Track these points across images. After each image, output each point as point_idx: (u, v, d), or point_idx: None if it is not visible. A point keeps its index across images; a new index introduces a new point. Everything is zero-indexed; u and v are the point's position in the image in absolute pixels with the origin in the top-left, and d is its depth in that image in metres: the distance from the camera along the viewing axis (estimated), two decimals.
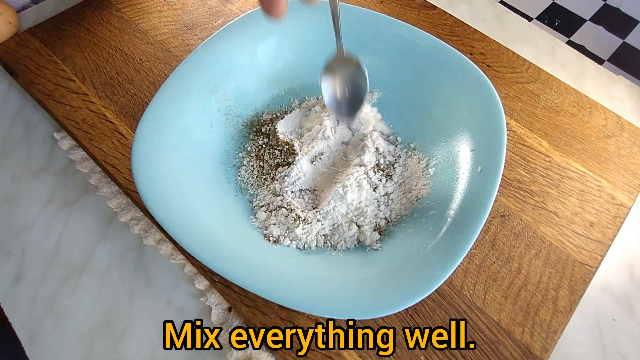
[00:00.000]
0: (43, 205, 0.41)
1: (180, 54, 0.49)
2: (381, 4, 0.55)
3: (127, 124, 0.44)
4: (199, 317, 0.36)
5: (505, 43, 0.52)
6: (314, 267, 0.34)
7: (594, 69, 0.54)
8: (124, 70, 0.48)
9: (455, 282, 0.37)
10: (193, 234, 0.32)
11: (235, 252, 0.32)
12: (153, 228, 0.40)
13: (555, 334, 0.35)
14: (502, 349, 0.34)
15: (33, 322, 0.36)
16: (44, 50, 0.49)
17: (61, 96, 0.45)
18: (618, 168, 0.43)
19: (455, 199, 0.35)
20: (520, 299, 0.36)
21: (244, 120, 0.43)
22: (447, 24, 0.53)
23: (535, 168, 0.43)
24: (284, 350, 0.33)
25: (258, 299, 0.35)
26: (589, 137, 0.45)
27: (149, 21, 0.52)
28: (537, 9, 0.65)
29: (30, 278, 0.37)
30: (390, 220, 0.38)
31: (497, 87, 0.43)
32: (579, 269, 0.38)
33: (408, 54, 0.42)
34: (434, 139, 0.40)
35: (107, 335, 0.35)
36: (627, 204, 0.41)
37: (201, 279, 0.37)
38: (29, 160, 0.43)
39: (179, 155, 0.37)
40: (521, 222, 0.40)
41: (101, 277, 0.38)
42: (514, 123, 0.46)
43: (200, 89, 0.40)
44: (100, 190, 0.42)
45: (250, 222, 0.37)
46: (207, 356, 0.35)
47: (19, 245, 0.39)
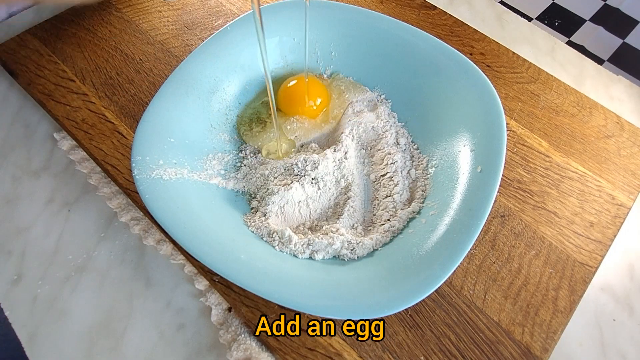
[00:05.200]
0: (43, 205, 0.41)
1: (180, 54, 0.49)
2: (381, 4, 0.55)
3: (127, 124, 0.44)
4: (199, 317, 0.36)
5: (505, 43, 0.52)
6: (314, 267, 0.34)
7: (593, 69, 0.54)
8: (124, 70, 0.48)
9: (455, 282, 0.37)
10: (193, 234, 0.32)
11: (235, 252, 0.32)
12: (153, 228, 0.40)
13: (555, 334, 0.35)
14: (502, 349, 0.34)
15: (33, 322, 0.36)
16: (44, 51, 0.49)
17: (61, 96, 0.45)
18: (618, 168, 0.43)
19: (455, 199, 0.35)
20: (520, 299, 0.36)
21: (244, 121, 0.43)
22: (447, 24, 0.53)
23: (535, 168, 0.43)
24: (284, 350, 0.33)
25: (258, 299, 0.35)
26: (589, 137, 0.45)
27: (149, 21, 0.52)
28: (537, 9, 0.64)
29: (30, 278, 0.37)
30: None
31: (497, 87, 0.43)
32: (579, 269, 0.38)
33: (408, 54, 0.42)
34: (434, 139, 0.40)
35: (107, 335, 0.35)
36: (627, 204, 0.41)
37: (201, 279, 0.37)
38: (29, 160, 0.43)
39: (178, 155, 0.37)
40: (521, 222, 0.40)
41: (101, 277, 0.38)
42: (514, 123, 0.46)
43: (200, 89, 0.40)
44: (100, 190, 0.42)
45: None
46: (207, 356, 0.35)
47: (19, 246, 0.39)
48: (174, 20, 0.52)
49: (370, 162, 0.41)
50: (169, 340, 0.35)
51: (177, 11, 0.53)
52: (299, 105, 0.42)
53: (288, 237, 0.35)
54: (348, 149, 0.40)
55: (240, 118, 0.43)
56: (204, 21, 0.52)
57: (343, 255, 0.35)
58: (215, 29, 0.51)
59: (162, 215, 0.32)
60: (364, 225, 0.38)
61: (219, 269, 0.31)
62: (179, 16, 0.52)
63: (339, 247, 0.35)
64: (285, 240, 0.35)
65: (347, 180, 0.39)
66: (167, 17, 0.52)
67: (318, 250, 0.35)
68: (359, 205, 0.39)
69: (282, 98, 0.43)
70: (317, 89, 0.43)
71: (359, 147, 0.42)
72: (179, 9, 0.53)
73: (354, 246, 0.35)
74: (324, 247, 0.35)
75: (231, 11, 0.53)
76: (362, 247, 0.35)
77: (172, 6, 0.53)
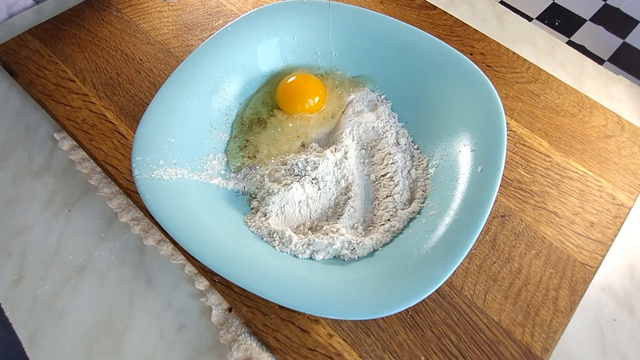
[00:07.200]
0: (43, 205, 0.41)
1: (180, 55, 0.49)
2: (381, 4, 0.55)
3: (128, 124, 0.44)
4: (199, 317, 0.36)
5: (506, 43, 0.52)
6: (314, 268, 0.34)
7: (594, 69, 0.54)
8: (124, 70, 0.48)
9: (456, 283, 0.37)
10: (193, 234, 0.32)
11: (236, 252, 0.32)
12: (153, 228, 0.40)
13: (556, 334, 0.35)
14: (503, 349, 0.34)
15: (33, 322, 0.36)
16: (44, 51, 0.49)
17: (61, 97, 0.45)
18: (618, 168, 0.43)
19: (456, 199, 0.35)
20: (520, 299, 0.36)
21: (243, 121, 0.43)
22: (447, 24, 0.53)
23: (536, 168, 0.43)
24: (284, 350, 0.33)
25: (258, 299, 0.35)
26: (589, 137, 0.45)
27: (149, 22, 0.52)
28: (537, 9, 0.64)
29: (30, 278, 0.37)
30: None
31: (497, 87, 0.43)
32: (580, 269, 0.38)
33: (408, 54, 0.42)
34: (434, 139, 0.40)
35: (107, 335, 0.35)
36: (627, 204, 0.41)
37: (201, 279, 0.37)
38: (29, 160, 0.43)
39: (179, 155, 0.37)
40: (521, 222, 0.40)
41: (101, 278, 0.38)
42: (514, 123, 0.46)
43: (200, 89, 0.40)
44: (101, 190, 0.42)
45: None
46: (207, 356, 0.35)
47: (19, 246, 0.39)
48: (174, 20, 0.52)
49: (370, 162, 0.41)
50: (170, 340, 0.35)
51: (177, 11, 0.53)
52: (298, 103, 0.42)
53: (288, 237, 0.35)
54: (348, 149, 0.40)
55: (240, 118, 0.43)
56: (204, 21, 0.52)
57: (343, 255, 0.35)
58: (215, 29, 0.51)
59: (162, 216, 0.32)
60: (364, 226, 0.38)
61: (219, 269, 0.31)
62: (179, 16, 0.52)
63: (339, 247, 0.35)
64: (286, 240, 0.35)
65: (347, 180, 0.39)
66: (167, 18, 0.52)
67: (318, 250, 0.35)
68: (359, 205, 0.39)
69: (281, 96, 0.43)
70: (314, 84, 0.43)
71: (359, 147, 0.42)
72: (179, 9, 0.53)
73: (354, 246, 0.35)
74: (324, 247, 0.35)
75: (231, 11, 0.53)
76: (362, 247, 0.35)
77: (172, 6, 0.53)
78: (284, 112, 0.43)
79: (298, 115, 0.43)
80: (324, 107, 0.44)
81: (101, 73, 0.47)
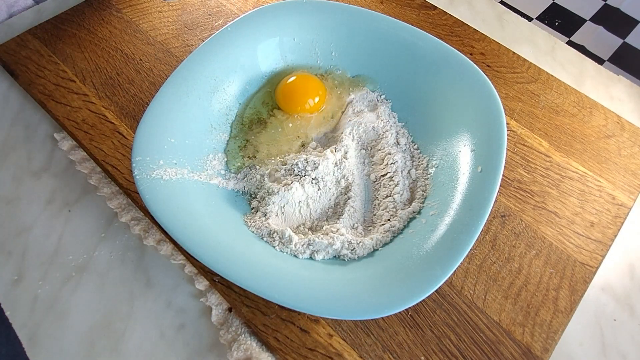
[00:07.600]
0: (43, 205, 0.41)
1: (180, 55, 0.49)
2: (381, 4, 0.55)
3: (128, 124, 0.44)
4: (199, 317, 0.36)
5: (506, 43, 0.52)
6: (314, 267, 0.34)
7: (594, 69, 0.54)
8: (124, 70, 0.48)
9: (456, 283, 0.37)
10: (193, 234, 0.32)
11: (236, 252, 0.32)
12: (153, 228, 0.40)
13: (556, 334, 0.35)
14: (503, 349, 0.34)
15: (33, 322, 0.36)
16: (44, 51, 0.49)
17: (61, 97, 0.45)
18: (618, 168, 0.43)
19: (456, 199, 0.35)
20: (520, 299, 0.36)
21: (243, 121, 0.43)
22: (447, 24, 0.53)
23: (536, 168, 0.43)
24: (284, 350, 0.33)
25: (258, 299, 0.35)
26: (589, 137, 0.45)
27: (149, 22, 0.52)
28: (537, 9, 0.64)
29: (30, 278, 0.37)
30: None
31: (497, 87, 0.43)
32: (580, 269, 0.38)
33: (408, 54, 0.42)
34: (434, 139, 0.40)
35: (107, 335, 0.35)
36: (627, 204, 0.41)
37: (201, 279, 0.37)
38: (29, 160, 0.43)
39: (179, 155, 0.37)
40: (521, 222, 0.40)
41: (101, 278, 0.38)
42: (514, 123, 0.46)
43: (200, 89, 0.40)
44: (101, 190, 0.42)
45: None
46: (207, 356, 0.35)
47: (19, 246, 0.39)
48: (174, 20, 0.52)
49: (370, 162, 0.41)
50: (170, 340, 0.35)
51: (177, 11, 0.53)
52: (298, 103, 0.42)
53: (288, 237, 0.35)
54: (348, 149, 0.40)
55: (240, 118, 0.43)
56: (204, 21, 0.52)
57: (343, 255, 0.35)
58: (215, 29, 0.51)
59: (162, 216, 0.32)
60: (365, 225, 0.38)
61: (219, 269, 0.31)
62: (179, 16, 0.52)
63: (339, 247, 0.35)
64: (286, 240, 0.35)
65: (347, 180, 0.39)
66: (167, 18, 0.52)
67: (318, 250, 0.35)
68: (359, 205, 0.39)
69: (281, 96, 0.43)
70: (314, 84, 0.43)
71: (359, 147, 0.42)
72: (179, 9, 0.53)
73: (355, 246, 0.35)
74: (325, 247, 0.35)
75: (231, 11, 0.53)
76: (362, 247, 0.35)
77: (172, 6, 0.53)
78: (284, 112, 0.43)
79: (298, 115, 0.43)
80: (324, 107, 0.44)
81: (101, 73, 0.47)
